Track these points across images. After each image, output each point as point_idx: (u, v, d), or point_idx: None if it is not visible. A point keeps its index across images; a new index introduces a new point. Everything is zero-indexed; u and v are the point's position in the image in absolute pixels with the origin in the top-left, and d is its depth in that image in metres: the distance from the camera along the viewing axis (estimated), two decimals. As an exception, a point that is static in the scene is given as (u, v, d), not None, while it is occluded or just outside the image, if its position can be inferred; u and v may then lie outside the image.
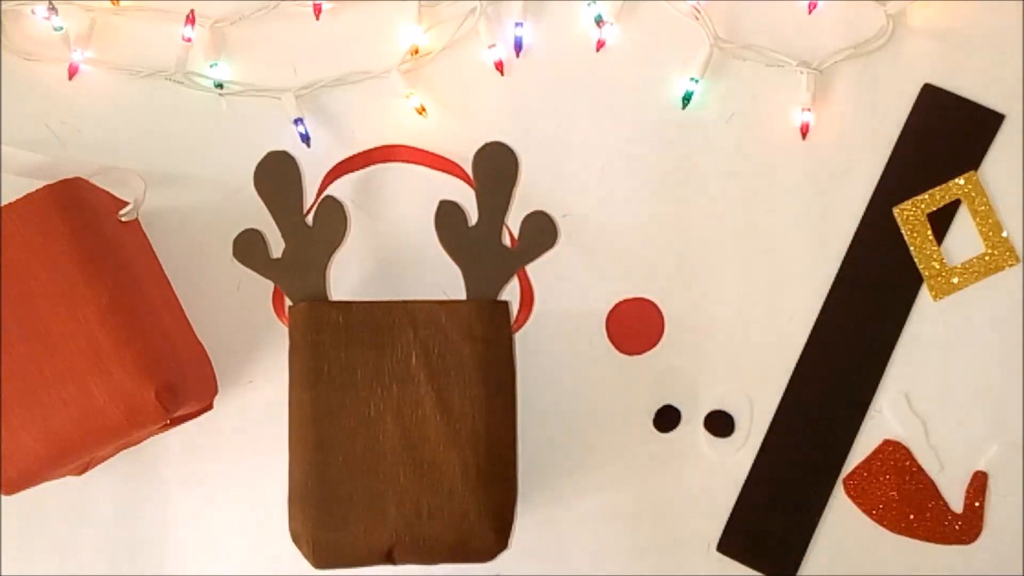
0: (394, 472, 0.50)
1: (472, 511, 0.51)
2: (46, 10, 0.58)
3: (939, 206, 0.58)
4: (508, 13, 0.59)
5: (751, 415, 0.58)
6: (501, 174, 0.54)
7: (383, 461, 0.50)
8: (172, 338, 0.55)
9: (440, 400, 0.50)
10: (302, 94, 0.59)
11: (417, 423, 0.50)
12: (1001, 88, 0.59)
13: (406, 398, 0.50)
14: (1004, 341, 0.58)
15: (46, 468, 0.50)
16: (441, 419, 0.50)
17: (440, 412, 0.50)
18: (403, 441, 0.50)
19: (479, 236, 0.53)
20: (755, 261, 0.59)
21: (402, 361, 0.51)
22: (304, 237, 0.53)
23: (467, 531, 0.51)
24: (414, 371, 0.51)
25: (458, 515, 0.51)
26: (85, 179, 0.53)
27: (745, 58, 0.59)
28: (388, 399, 0.50)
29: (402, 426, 0.50)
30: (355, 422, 0.50)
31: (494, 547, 0.52)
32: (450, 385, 0.50)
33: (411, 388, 0.50)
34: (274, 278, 0.53)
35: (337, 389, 0.50)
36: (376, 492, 0.50)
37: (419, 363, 0.50)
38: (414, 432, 0.50)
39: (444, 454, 0.50)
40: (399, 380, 0.50)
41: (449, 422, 0.50)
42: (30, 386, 0.48)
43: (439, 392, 0.50)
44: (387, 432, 0.50)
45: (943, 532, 0.57)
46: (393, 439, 0.50)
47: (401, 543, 0.50)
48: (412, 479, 0.50)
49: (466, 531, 0.51)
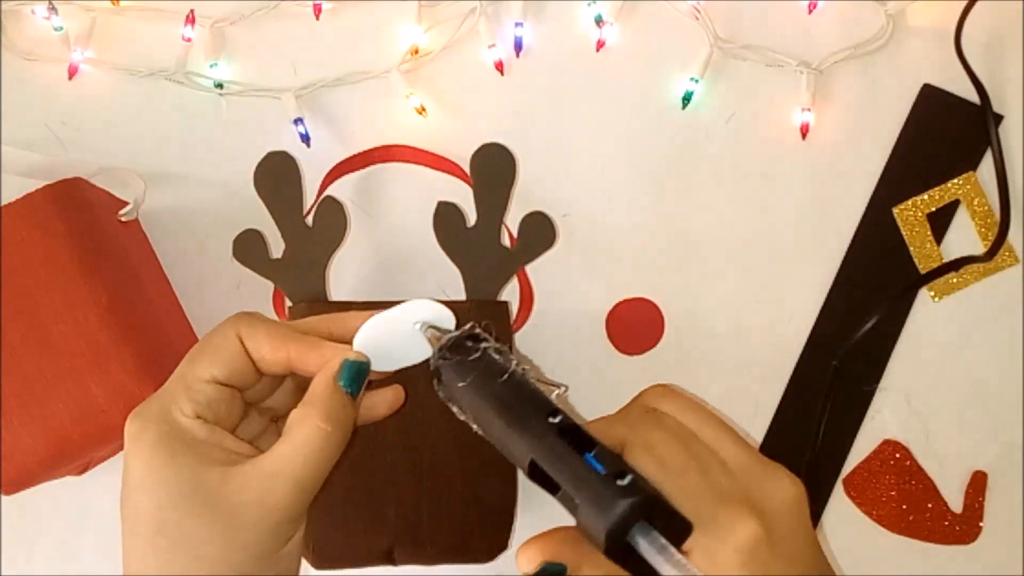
0: (394, 473, 0.50)
1: (472, 512, 0.50)
2: (46, 10, 0.58)
3: (938, 206, 0.58)
4: (508, 13, 0.59)
5: (751, 415, 0.58)
6: (499, 175, 0.54)
7: (383, 462, 0.50)
8: (172, 338, 0.55)
9: (440, 401, 0.50)
10: (302, 94, 0.59)
11: (417, 424, 0.50)
12: (1000, 88, 0.59)
13: (406, 399, 0.50)
14: (1004, 341, 0.58)
15: (46, 468, 0.49)
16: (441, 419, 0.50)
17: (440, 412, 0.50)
18: (403, 441, 0.50)
19: (478, 237, 0.53)
20: (755, 261, 0.59)
21: (402, 361, 0.50)
22: (304, 237, 0.53)
23: (467, 531, 0.51)
24: (414, 371, 0.51)
25: (458, 515, 0.50)
26: (85, 179, 0.53)
27: (745, 58, 0.59)
28: (388, 399, 0.50)
29: (402, 427, 0.50)
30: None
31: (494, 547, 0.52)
32: (450, 385, 0.50)
33: (411, 389, 0.50)
34: (274, 278, 0.53)
35: (337, 389, 0.50)
36: (376, 493, 0.50)
37: (419, 363, 0.50)
38: (414, 433, 0.50)
39: (444, 454, 0.50)
40: (399, 380, 0.50)
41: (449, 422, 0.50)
42: (30, 386, 0.48)
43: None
44: (387, 433, 0.50)
45: (943, 532, 0.57)
46: (393, 439, 0.50)
47: (401, 543, 0.50)
48: (412, 479, 0.50)
49: (466, 531, 0.51)
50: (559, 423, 0.35)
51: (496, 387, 0.36)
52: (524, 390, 0.36)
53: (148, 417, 0.36)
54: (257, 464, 0.35)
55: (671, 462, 0.35)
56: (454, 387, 0.37)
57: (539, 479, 0.34)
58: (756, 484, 0.35)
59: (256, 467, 0.35)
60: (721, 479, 0.35)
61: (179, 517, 0.34)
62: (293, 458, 0.35)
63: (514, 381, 0.36)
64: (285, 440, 0.35)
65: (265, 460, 0.35)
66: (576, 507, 0.33)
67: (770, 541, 0.33)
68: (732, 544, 0.33)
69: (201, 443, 0.36)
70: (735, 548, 0.33)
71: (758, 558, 0.33)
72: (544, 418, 0.35)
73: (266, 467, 0.35)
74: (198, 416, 0.36)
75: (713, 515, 0.34)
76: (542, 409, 0.35)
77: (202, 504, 0.34)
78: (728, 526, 0.33)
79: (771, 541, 0.33)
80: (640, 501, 0.32)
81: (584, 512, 0.32)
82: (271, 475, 0.35)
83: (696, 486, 0.34)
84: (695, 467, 0.35)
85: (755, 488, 0.35)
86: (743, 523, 0.33)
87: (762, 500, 0.35)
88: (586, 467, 0.33)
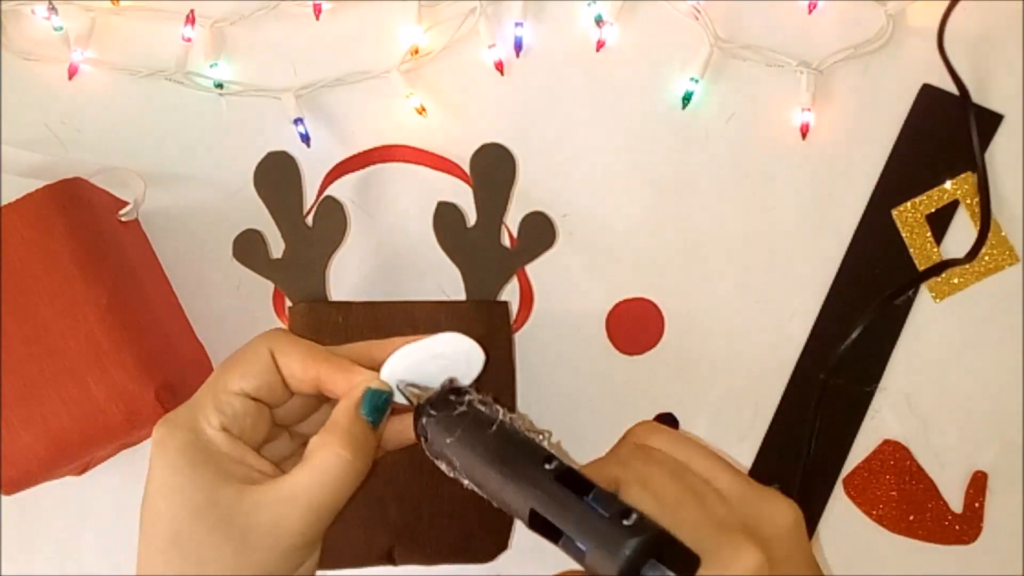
0: (394, 472, 0.50)
1: (472, 511, 0.50)
2: (46, 10, 0.58)
3: (937, 207, 0.58)
4: (508, 13, 0.59)
5: (751, 415, 0.58)
6: (498, 175, 0.54)
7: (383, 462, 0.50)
8: (172, 338, 0.55)
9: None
10: (302, 94, 0.59)
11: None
12: (1000, 88, 0.59)
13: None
14: (1004, 341, 0.58)
15: (46, 468, 0.49)
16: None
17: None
18: (403, 441, 0.50)
19: (477, 237, 0.53)
20: (755, 261, 0.59)
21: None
22: (304, 237, 0.53)
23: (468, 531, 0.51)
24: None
25: (459, 515, 0.50)
26: (85, 179, 0.53)
27: (745, 58, 0.59)
28: (388, 399, 0.50)
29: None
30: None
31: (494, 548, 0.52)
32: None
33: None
34: (274, 278, 0.53)
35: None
36: (376, 492, 0.50)
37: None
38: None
39: (444, 454, 0.50)
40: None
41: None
42: (30, 386, 0.48)
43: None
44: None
45: (943, 532, 0.57)
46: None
47: (402, 543, 0.50)
48: (413, 479, 0.50)
49: (466, 531, 0.51)
50: (555, 469, 0.34)
51: (486, 439, 0.35)
52: (515, 439, 0.36)
53: (175, 423, 0.36)
54: (274, 486, 0.35)
55: (667, 496, 0.35)
56: (442, 443, 0.36)
57: (540, 528, 0.34)
58: (754, 511, 0.35)
59: (273, 489, 0.35)
60: (719, 509, 0.35)
61: (192, 530, 0.34)
62: (310, 484, 0.35)
63: (503, 431, 0.36)
64: (303, 465, 0.35)
65: (282, 483, 0.35)
66: (582, 553, 0.32)
67: (772, 567, 0.34)
68: (737, 573, 0.33)
69: (223, 456, 0.36)
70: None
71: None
72: (540, 465, 0.34)
73: (283, 490, 0.35)
74: (224, 428, 0.36)
75: (716, 545, 0.34)
76: (536, 456, 0.35)
77: (216, 519, 0.34)
78: (731, 555, 0.33)
79: (773, 567, 0.34)
80: (648, 539, 0.32)
81: (592, 556, 0.32)
82: (286, 499, 0.35)
83: (695, 518, 0.35)
84: (692, 499, 0.35)
85: (753, 515, 0.35)
86: (746, 552, 0.33)
87: (761, 527, 0.35)
88: (589, 510, 0.33)
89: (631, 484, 0.36)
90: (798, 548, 0.35)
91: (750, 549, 0.33)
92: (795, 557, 0.35)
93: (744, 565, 0.33)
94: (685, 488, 0.36)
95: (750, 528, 0.35)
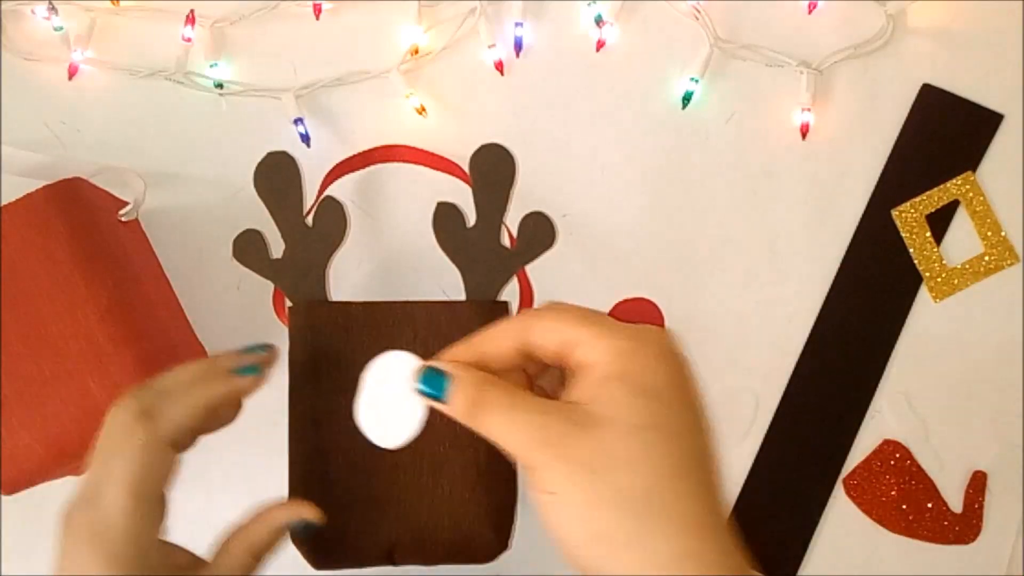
0: (394, 473, 0.50)
1: (472, 512, 0.50)
2: (46, 10, 0.58)
3: (937, 207, 0.58)
4: (508, 13, 0.59)
5: (751, 415, 0.58)
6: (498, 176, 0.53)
7: (383, 462, 0.50)
8: (172, 338, 0.55)
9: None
10: (302, 94, 0.59)
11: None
12: (1000, 88, 0.59)
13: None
14: (1004, 341, 0.58)
15: (46, 468, 0.49)
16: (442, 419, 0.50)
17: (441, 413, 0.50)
18: (403, 441, 0.50)
19: (477, 237, 0.53)
20: (755, 261, 0.59)
21: (402, 362, 0.50)
22: (304, 237, 0.53)
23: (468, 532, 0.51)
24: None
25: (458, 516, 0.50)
26: (85, 179, 0.53)
27: (745, 58, 0.59)
28: (388, 399, 0.50)
29: (402, 426, 0.50)
30: (355, 422, 0.50)
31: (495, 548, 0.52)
32: (450, 385, 0.50)
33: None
34: (274, 278, 0.53)
35: (337, 390, 0.50)
36: (376, 492, 0.50)
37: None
38: (414, 432, 0.50)
39: (444, 454, 0.50)
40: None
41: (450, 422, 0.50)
42: (30, 386, 0.48)
43: (439, 392, 0.50)
44: (387, 432, 0.50)
45: (943, 532, 0.57)
46: (393, 439, 0.50)
47: (401, 543, 0.50)
48: (412, 479, 0.50)
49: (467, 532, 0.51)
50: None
51: None
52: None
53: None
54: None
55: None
56: None
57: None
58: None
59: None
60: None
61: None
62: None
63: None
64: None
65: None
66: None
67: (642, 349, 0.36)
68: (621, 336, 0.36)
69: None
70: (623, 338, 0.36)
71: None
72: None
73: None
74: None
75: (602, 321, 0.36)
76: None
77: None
78: (612, 330, 0.36)
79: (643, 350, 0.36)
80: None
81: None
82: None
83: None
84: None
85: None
86: (626, 329, 0.36)
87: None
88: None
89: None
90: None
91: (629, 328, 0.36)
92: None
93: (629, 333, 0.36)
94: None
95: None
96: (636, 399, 0.35)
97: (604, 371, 0.36)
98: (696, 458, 0.35)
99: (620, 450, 0.33)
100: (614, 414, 0.34)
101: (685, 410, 0.36)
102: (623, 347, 0.36)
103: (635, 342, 0.36)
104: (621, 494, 0.32)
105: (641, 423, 0.34)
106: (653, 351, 0.37)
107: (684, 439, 0.35)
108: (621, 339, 0.36)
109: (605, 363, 0.36)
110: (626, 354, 0.36)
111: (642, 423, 0.34)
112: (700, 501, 0.33)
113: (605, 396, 0.35)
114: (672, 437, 0.35)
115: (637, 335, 0.37)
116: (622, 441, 0.34)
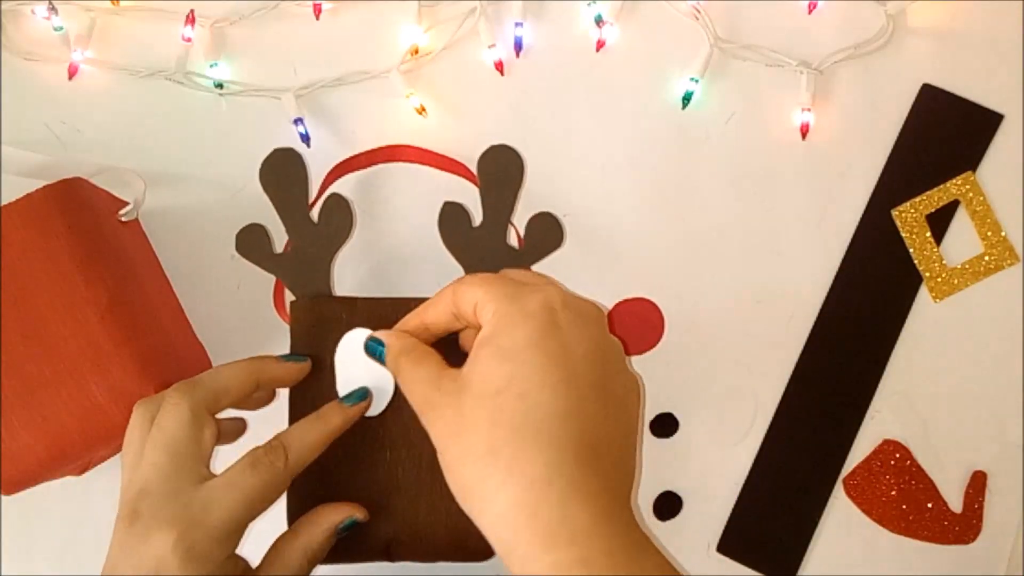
0: (393, 468, 0.50)
1: (472, 510, 0.50)
2: (46, 10, 0.58)
3: (937, 207, 0.58)
4: (508, 13, 0.59)
5: (751, 415, 0.58)
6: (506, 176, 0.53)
7: (383, 457, 0.50)
8: (172, 338, 0.55)
9: None
10: (302, 94, 0.59)
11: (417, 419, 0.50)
12: (1000, 88, 0.59)
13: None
14: (1004, 341, 0.58)
15: (46, 468, 0.49)
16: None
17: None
18: (403, 438, 0.50)
19: (484, 237, 0.53)
20: (755, 261, 0.59)
21: (404, 358, 0.50)
22: (310, 233, 0.53)
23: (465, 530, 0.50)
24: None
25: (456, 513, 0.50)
26: (85, 179, 0.53)
27: (745, 58, 0.59)
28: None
29: (403, 423, 0.50)
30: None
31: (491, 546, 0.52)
32: (451, 383, 0.50)
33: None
34: (278, 273, 0.53)
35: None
36: (375, 488, 0.50)
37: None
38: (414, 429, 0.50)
39: (444, 453, 0.50)
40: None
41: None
42: (30, 386, 0.48)
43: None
44: (388, 428, 0.50)
45: (943, 532, 0.57)
46: (394, 435, 0.50)
47: (399, 539, 0.50)
48: (412, 476, 0.50)
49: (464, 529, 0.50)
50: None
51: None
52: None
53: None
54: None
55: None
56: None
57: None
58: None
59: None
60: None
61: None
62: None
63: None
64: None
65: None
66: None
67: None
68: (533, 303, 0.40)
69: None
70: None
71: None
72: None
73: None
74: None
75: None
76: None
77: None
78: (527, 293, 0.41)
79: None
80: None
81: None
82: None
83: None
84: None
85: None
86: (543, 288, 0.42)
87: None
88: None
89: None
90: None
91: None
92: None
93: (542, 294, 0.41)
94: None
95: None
96: (494, 363, 0.39)
97: (482, 335, 0.40)
98: (546, 416, 0.38)
99: (473, 415, 0.38)
100: (474, 380, 0.39)
101: (540, 370, 0.38)
102: (500, 310, 0.40)
103: (511, 304, 0.40)
104: (473, 453, 0.38)
105: (495, 388, 0.38)
106: (521, 312, 0.40)
107: (532, 398, 0.38)
108: (501, 302, 0.40)
109: (486, 326, 0.40)
110: (498, 316, 0.40)
111: (495, 388, 0.38)
112: (541, 456, 0.37)
113: (473, 361, 0.40)
114: (521, 397, 0.38)
115: (515, 297, 0.40)
116: (476, 406, 0.38)
